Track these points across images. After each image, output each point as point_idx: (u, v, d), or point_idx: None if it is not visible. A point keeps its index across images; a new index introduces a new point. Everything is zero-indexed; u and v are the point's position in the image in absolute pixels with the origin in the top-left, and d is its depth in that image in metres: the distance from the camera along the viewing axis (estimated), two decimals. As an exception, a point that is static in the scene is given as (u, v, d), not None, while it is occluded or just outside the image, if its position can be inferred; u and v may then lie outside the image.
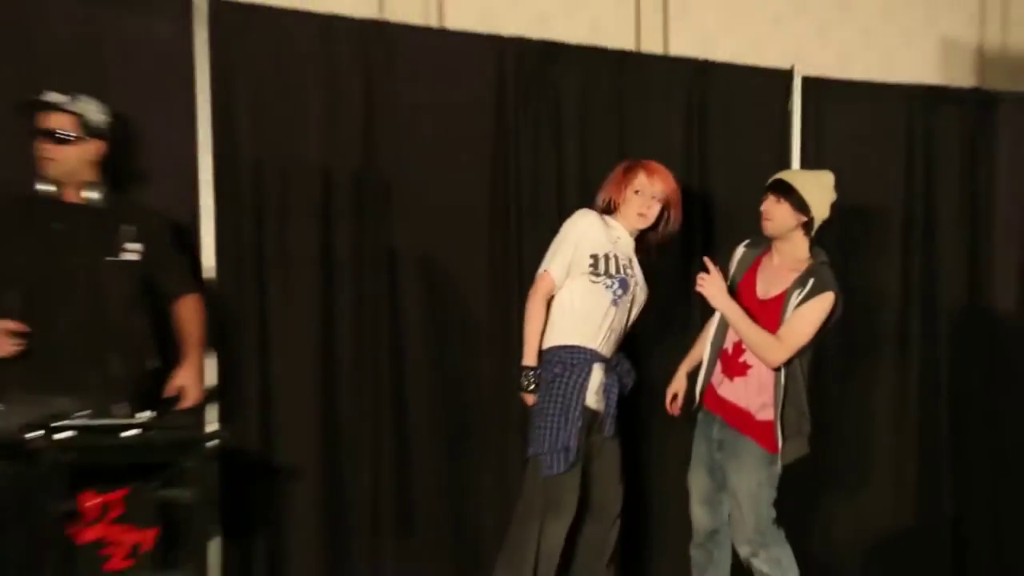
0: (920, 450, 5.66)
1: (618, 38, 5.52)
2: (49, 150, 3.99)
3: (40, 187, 4.02)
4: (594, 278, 4.35)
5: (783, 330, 4.39)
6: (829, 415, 4.98)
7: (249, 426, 4.53)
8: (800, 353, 4.43)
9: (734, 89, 5.39)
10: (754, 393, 4.48)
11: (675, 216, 4.53)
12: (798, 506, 4.87)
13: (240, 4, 4.58)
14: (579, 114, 5.10)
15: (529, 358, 4.36)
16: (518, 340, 4.48)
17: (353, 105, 4.74)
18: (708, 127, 5.35)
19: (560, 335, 4.38)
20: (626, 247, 4.46)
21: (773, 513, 4.49)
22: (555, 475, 4.27)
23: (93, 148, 4.07)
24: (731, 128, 5.37)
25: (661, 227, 4.54)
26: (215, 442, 3.97)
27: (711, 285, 4.42)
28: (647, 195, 4.44)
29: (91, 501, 3.66)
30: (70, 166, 4.03)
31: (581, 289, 4.37)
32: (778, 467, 4.46)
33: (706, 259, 4.49)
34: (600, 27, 5.54)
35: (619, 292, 4.37)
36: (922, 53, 6.26)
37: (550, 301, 4.41)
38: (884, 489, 5.62)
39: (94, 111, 4.06)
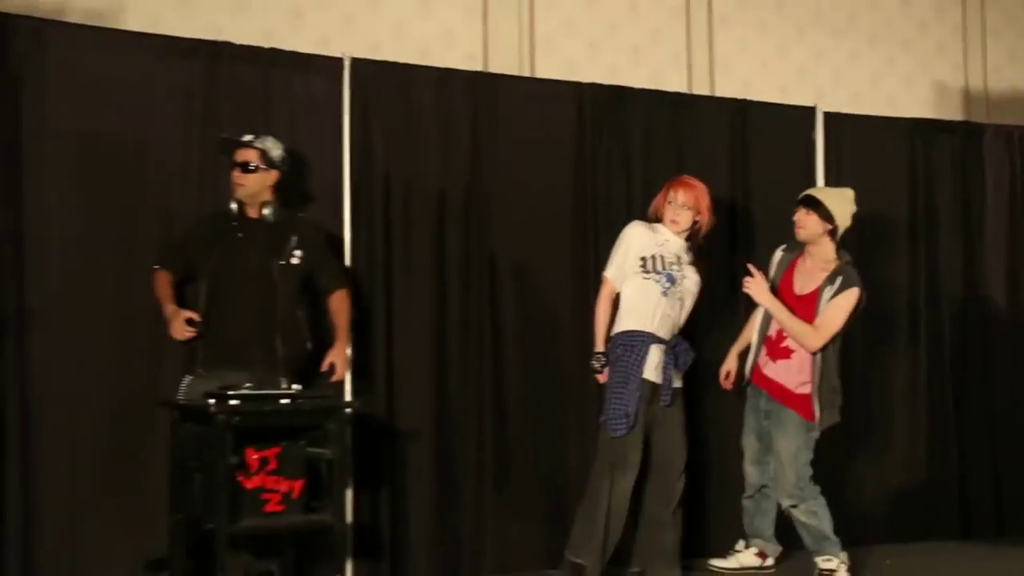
0: (929, 419, 5.43)
1: (673, 83, 5.40)
2: (240, 177, 3.99)
3: (231, 205, 4.00)
4: (644, 275, 4.21)
5: (818, 321, 4.28)
6: (854, 391, 4.80)
7: (377, 397, 4.42)
8: (833, 339, 4.31)
9: (768, 123, 5.23)
10: (795, 372, 4.35)
11: (704, 221, 4.33)
12: (830, 466, 4.66)
13: (375, 61, 4.55)
14: (643, 144, 4.97)
15: (598, 345, 4.26)
16: (593, 330, 4.33)
17: (462, 138, 4.65)
18: (748, 154, 5.18)
19: (622, 323, 4.25)
20: (674, 248, 4.29)
21: (810, 471, 4.35)
22: (620, 436, 4.12)
23: (272, 176, 4.04)
24: (766, 154, 5.21)
25: (696, 230, 4.34)
26: (351, 409, 3.92)
27: (755, 286, 4.30)
28: (676, 205, 4.29)
29: (253, 456, 3.56)
30: (254, 189, 4.00)
31: (635, 285, 4.23)
32: (816, 433, 4.34)
33: (749, 265, 4.36)
34: (659, 75, 5.41)
35: (667, 285, 4.21)
36: (920, 93, 6.11)
37: (617, 297, 4.28)
38: (900, 452, 5.38)
39: (274, 147, 4.04)
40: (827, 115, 5.29)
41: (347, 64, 4.40)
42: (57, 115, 3.97)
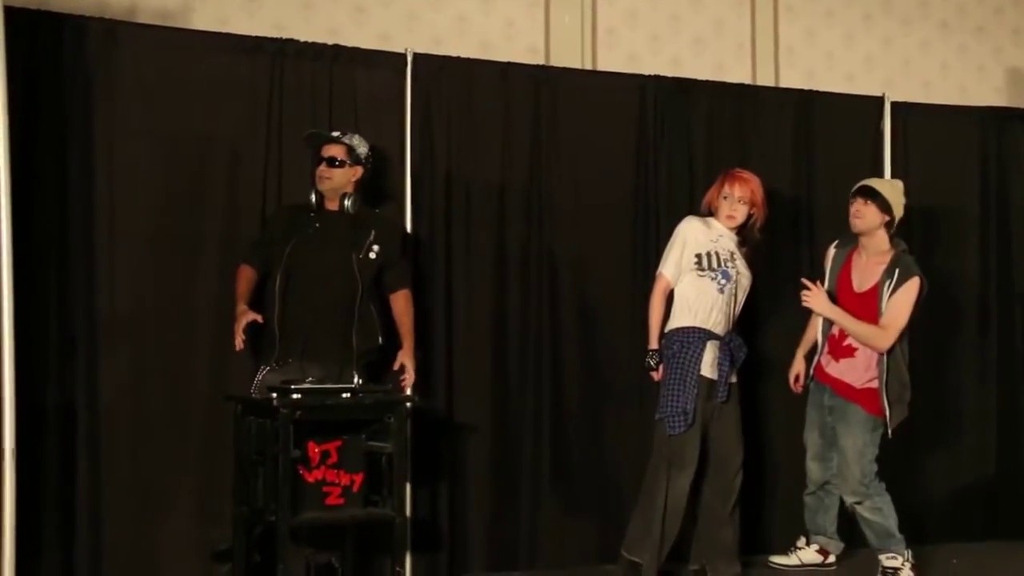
0: (999, 414, 5.21)
1: (737, 74, 5.21)
2: (326, 171, 3.98)
3: (311, 198, 3.97)
4: (700, 272, 4.11)
5: (884, 319, 4.14)
6: (921, 386, 4.62)
7: (436, 392, 4.38)
8: (901, 335, 4.16)
9: (834, 113, 5.06)
10: (862, 370, 4.22)
11: (759, 215, 4.22)
12: (896, 462, 4.51)
13: (437, 56, 4.50)
14: (706, 137, 4.85)
15: (652, 342, 4.17)
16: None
17: (524, 133, 4.59)
18: (813, 146, 5.02)
19: (678, 320, 4.15)
20: (727, 243, 4.18)
21: (875, 467, 4.21)
22: (677, 434, 4.04)
23: (356, 172, 4.04)
24: (832, 146, 5.04)
25: (750, 225, 4.22)
26: (411, 404, 3.87)
27: (814, 299, 4.19)
28: (732, 199, 4.17)
29: (315, 449, 3.56)
30: (339, 184, 4.00)
31: (691, 282, 4.13)
32: (884, 430, 4.20)
33: (804, 280, 4.23)
34: (723, 66, 5.23)
35: (723, 282, 4.12)
36: (993, 81, 5.81)
37: (671, 293, 4.18)
38: (968, 447, 5.18)
39: (360, 144, 4.04)
40: (895, 105, 5.11)
41: (409, 59, 4.37)
42: (127, 114, 4.01)
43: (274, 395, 3.52)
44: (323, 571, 3.97)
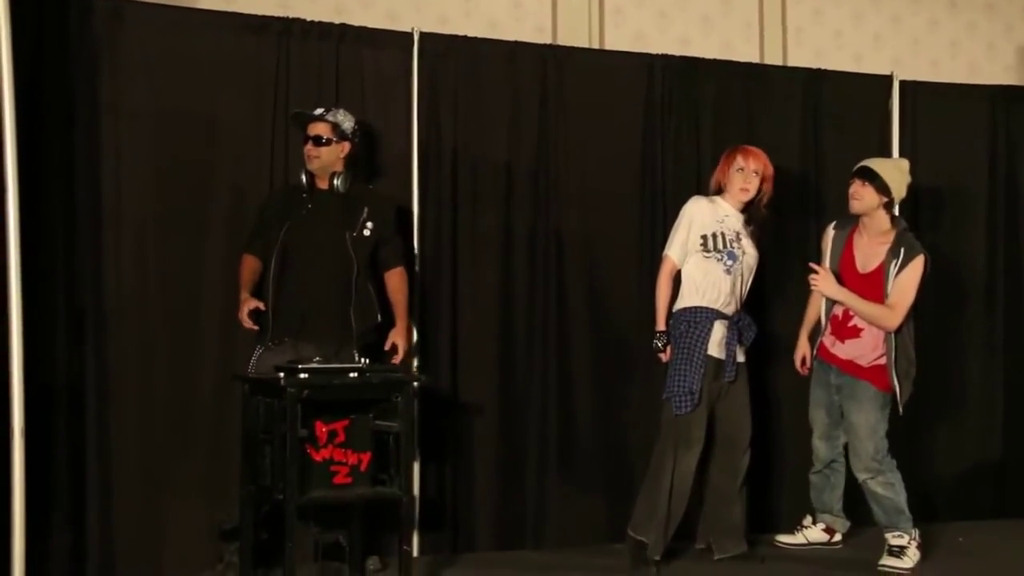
0: (1006, 393, 5.18)
1: (745, 54, 5.16)
2: (312, 150, 3.93)
3: (302, 178, 3.94)
4: (706, 254, 4.08)
5: (892, 299, 4.12)
6: (928, 364, 4.59)
7: (442, 371, 4.35)
8: (909, 312, 4.15)
9: (842, 92, 5.00)
10: (869, 349, 4.20)
11: (768, 189, 4.20)
12: (901, 440, 4.44)
13: (444, 36, 4.46)
14: (713, 116, 4.80)
15: (660, 323, 4.13)
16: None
17: (531, 112, 4.54)
18: (821, 125, 4.97)
19: (685, 300, 4.12)
20: (733, 223, 4.15)
21: (887, 444, 4.20)
22: (683, 414, 4.01)
23: (344, 148, 3.98)
24: (840, 125, 4.97)
25: (757, 200, 4.19)
26: (418, 384, 3.85)
27: (823, 282, 4.16)
28: (747, 171, 4.14)
29: (322, 429, 3.53)
30: (327, 162, 3.94)
31: (697, 263, 4.10)
32: (893, 407, 4.19)
33: (811, 264, 4.21)
34: (730, 46, 5.18)
35: (729, 263, 4.09)
36: (1003, 59, 5.74)
37: (678, 275, 4.14)
38: (975, 425, 5.15)
39: (345, 119, 3.97)
40: (904, 84, 5.04)
41: (416, 38, 4.32)
42: (133, 93, 3.97)
43: (281, 375, 3.48)
44: (331, 550, 3.96)
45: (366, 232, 3.92)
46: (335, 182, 3.91)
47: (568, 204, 4.55)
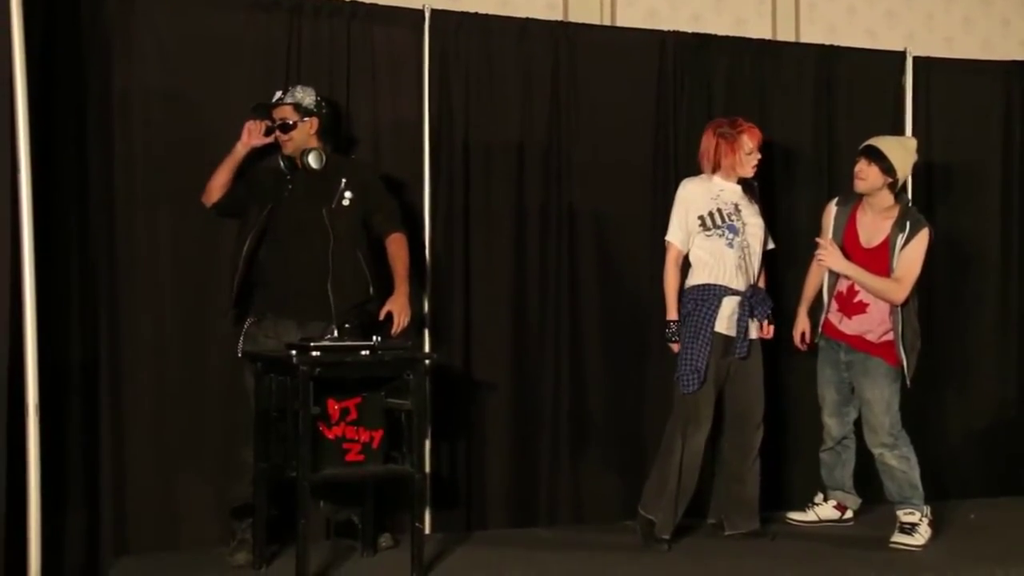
0: (1019, 370, 5.12)
1: (758, 30, 5.08)
2: (282, 136, 3.87)
3: (280, 160, 3.90)
4: (707, 233, 4.04)
5: (898, 272, 4.08)
6: (942, 340, 4.57)
7: (455, 349, 4.31)
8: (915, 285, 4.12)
9: (856, 69, 4.92)
10: (876, 324, 4.15)
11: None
12: (911, 415, 4.35)
13: (455, 12, 4.39)
14: (725, 93, 4.72)
15: (671, 313, 4.08)
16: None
17: (542, 89, 4.48)
18: (834, 101, 4.89)
19: (694, 278, 4.09)
20: (730, 196, 4.10)
21: (899, 417, 4.15)
22: (691, 392, 3.96)
23: (313, 123, 3.89)
24: (853, 101, 4.90)
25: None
26: (430, 361, 3.81)
27: (830, 257, 4.11)
28: (755, 152, 4.12)
29: (334, 406, 3.51)
30: (299, 143, 3.87)
31: (701, 243, 4.07)
32: (904, 381, 4.16)
33: (817, 240, 4.16)
34: (743, 22, 5.10)
35: (731, 236, 4.04)
36: (1018, 35, 5.62)
37: (686, 259, 4.11)
38: (987, 401, 5.10)
39: (305, 96, 3.88)
40: (917, 60, 4.96)
41: (427, 15, 4.26)
42: (145, 73, 3.92)
43: (293, 352, 3.46)
44: (343, 527, 3.95)
45: (344, 203, 3.83)
46: (306, 159, 3.81)
47: (580, 181, 4.50)
